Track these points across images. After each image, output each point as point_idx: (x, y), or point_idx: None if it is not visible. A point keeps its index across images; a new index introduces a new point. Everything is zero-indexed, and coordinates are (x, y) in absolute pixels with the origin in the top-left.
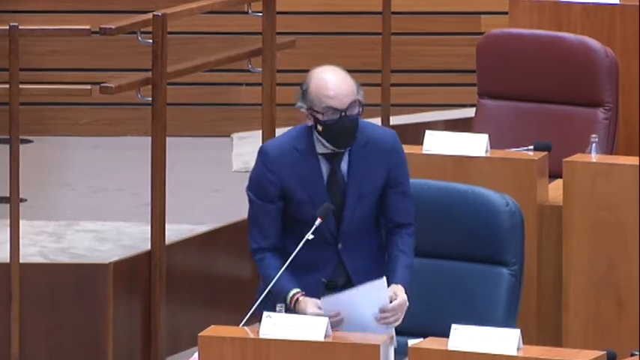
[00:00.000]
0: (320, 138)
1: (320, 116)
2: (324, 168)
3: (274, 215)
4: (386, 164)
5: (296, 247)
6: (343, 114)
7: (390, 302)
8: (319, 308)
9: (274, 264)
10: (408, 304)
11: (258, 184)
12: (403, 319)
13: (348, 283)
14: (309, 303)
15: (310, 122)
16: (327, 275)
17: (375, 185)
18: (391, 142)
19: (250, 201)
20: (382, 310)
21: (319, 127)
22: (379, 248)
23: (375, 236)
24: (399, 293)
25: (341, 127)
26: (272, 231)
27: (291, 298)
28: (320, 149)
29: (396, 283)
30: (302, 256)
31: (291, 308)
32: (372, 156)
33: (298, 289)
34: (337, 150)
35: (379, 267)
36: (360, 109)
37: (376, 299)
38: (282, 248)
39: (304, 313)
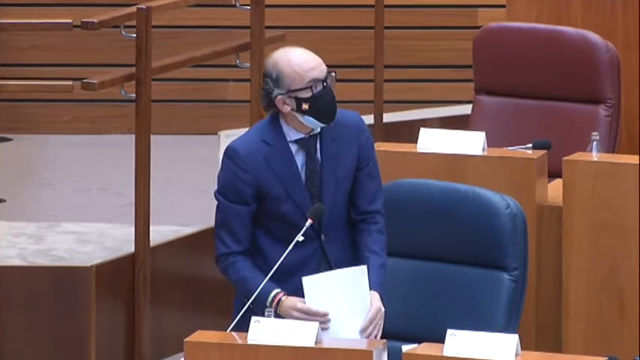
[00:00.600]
0: (306, 118)
1: (306, 92)
2: (299, 156)
3: (246, 218)
4: (356, 142)
5: (268, 243)
6: (325, 84)
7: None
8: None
9: (247, 266)
10: (383, 309)
11: (231, 186)
12: (384, 324)
13: None
14: (295, 301)
15: (289, 107)
16: (312, 271)
17: (349, 166)
18: (356, 120)
19: (219, 205)
20: (362, 329)
21: (305, 106)
22: (354, 247)
23: (350, 231)
24: (373, 302)
25: (328, 98)
26: (243, 235)
27: (273, 299)
28: (291, 136)
29: (370, 289)
30: (283, 257)
31: (275, 312)
32: (342, 135)
33: (279, 289)
34: (327, 124)
35: (361, 262)
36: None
37: (356, 289)
38: (252, 252)
39: (290, 314)
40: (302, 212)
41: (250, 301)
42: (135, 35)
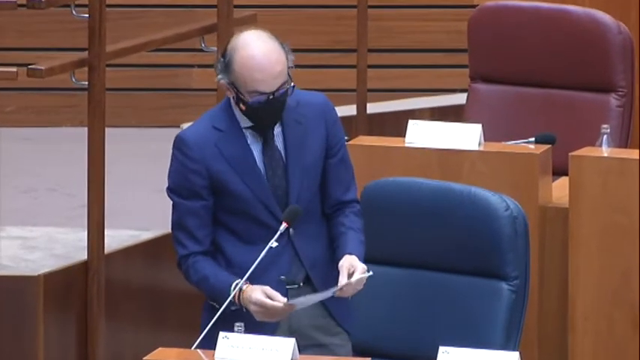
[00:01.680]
0: (242, 115)
1: (246, 96)
2: (255, 144)
3: (203, 215)
4: (323, 124)
5: (230, 243)
6: (271, 96)
7: (350, 276)
8: (267, 296)
9: (208, 265)
10: (367, 274)
11: (181, 180)
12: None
13: (307, 280)
14: (253, 291)
15: (231, 95)
16: (283, 271)
17: (317, 152)
18: (323, 100)
19: (173, 204)
20: (343, 285)
21: (242, 106)
22: (330, 240)
23: (324, 224)
24: (356, 264)
25: (268, 109)
26: (202, 234)
27: (234, 290)
28: (245, 122)
29: (350, 253)
30: (249, 256)
31: (238, 307)
32: (307, 118)
33: (239, 280)
34: (261, 130)
35: (336, 240)
36: (291, 84)
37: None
38: (214, 253)
39: (250, 308)
40: (264, 206)
41: (221, 310)
42: (87, 15)
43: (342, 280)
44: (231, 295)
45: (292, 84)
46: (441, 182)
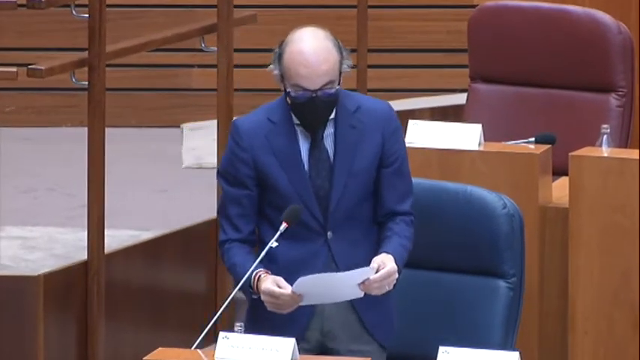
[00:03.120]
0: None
1: (291, 89)
2: (304, 141)
3: (246, 204)
4: (380, 132)
5: (271, 234)
6: (315, 94)
7: (377, 272)
8: (278, 286)
9: (240, 252)
10: (397, 275)
11: (229, 166)
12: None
13: None
14: (267, 280)
15: (281, 87)
16: (316, 272)
17: (369, 160)
18: (386, 109)
19: (222, 190)
20: (366, 282)
21: (288, 100)
22: (377, 245)
23: (373, 232)
24: (388, 262)
25: (311, 108)
26: (242, 223)
27: (254, 278)
28: (297, 119)
29: (387, 252)
30: (285, 252)
31: (258, 296)
32: (364, 124)
33: (262, 268)
34: (304, 128)
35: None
36: (339, 85)
37: (358, 281)
38: (254, 243)
39: (261, 294)
40: (305, 205)
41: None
42: (87, 15)
43: (366, 271)
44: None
45: (339, 86)
46: (434, 182)
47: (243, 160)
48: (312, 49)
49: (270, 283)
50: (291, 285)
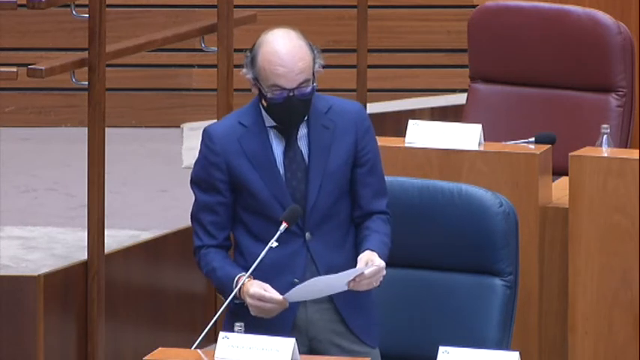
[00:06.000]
0: (265, 113)
1: (267, 91)
2: (278, 144)
3: (219, 211)
4: (353, 132)
5: (248, 241)
6: (292, 93)
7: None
8: (265, 290)
9: (218, 257)
10: (384, 272)
11: (202, 172)
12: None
13: None
14: (252, 285)
15: (255, 90)
16: (297, 274)
17: (342, 159)
18: (358, 109)
19: (195, 198)
20: (356, 279)
21: (263, 102)
22: (355, 248)
23: (351, 232)
24: (375, 259)
25: (289, 108)
26: (216, 230)
27: (235, 284)
28: (270, 121)
29: (371, 249)
30: (265, 254)
31: (241, 299)
32: (336, 124)
33: (243, 273)
34: (283, 129)
35: (359, 244)
36: (314, 84)
37: (347, 280)
38: (229, 247)
39: (248, 302)
40: (281, 207)
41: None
42: (87, 15)
43: (357, 270)
44: (235, 290)
45: (314, 84)
46: (428, 180)
47: (217, 164)
48: (286, 48)
49: (258, 287)
50: (274, 288)
